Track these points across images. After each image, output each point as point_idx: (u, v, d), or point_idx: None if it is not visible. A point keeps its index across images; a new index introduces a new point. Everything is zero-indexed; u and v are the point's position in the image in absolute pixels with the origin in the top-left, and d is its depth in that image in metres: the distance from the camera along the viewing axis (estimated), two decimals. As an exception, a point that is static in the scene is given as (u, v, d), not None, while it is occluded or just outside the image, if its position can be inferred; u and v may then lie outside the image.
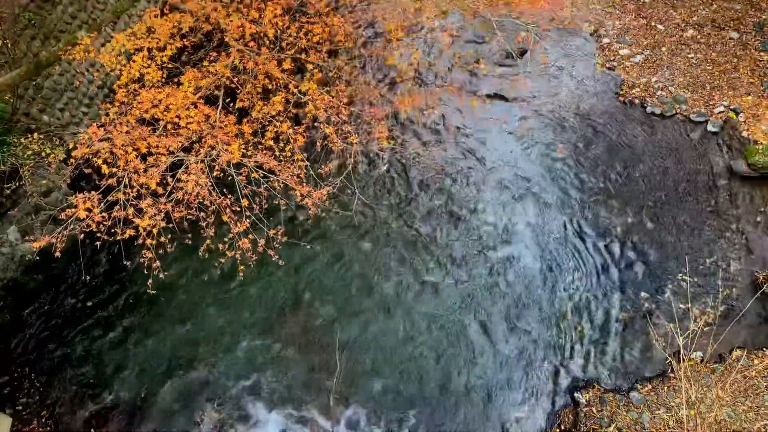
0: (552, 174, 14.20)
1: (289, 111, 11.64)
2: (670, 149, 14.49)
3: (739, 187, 13.75)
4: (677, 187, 13.77)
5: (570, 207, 13.57)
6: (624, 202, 13.55)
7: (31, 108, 13.79)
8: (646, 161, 14.28)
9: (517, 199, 13.79)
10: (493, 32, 11.06)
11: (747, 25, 16.51)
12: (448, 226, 13.35)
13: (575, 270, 12.54)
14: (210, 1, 11.49)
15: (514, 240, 13.04)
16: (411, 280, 12.51)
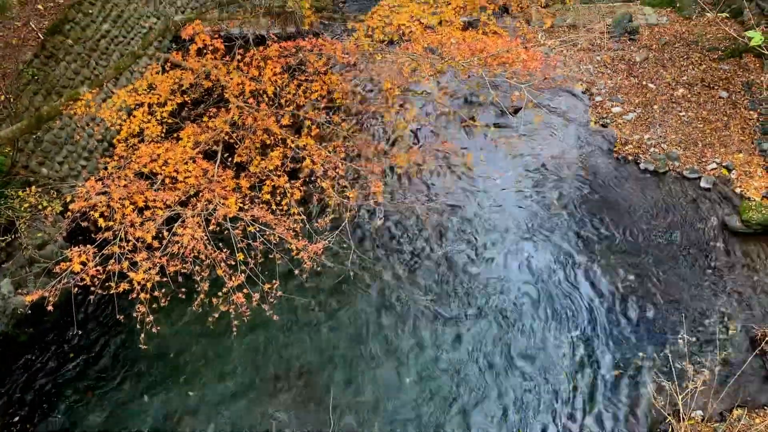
0: (547, 229, 14.25)
1: (286, 166, 11.74)
2: (664, 205, 14.61)
3: (734, 243, 13.79)
4: (673, 243, 13.81)
5: (565, 263, 13.56)
6: (620, 259, 13.56)
7: (30, 161, 13.93)
8: (641, 217, 14.37)
9: (512, 254, 13.79)
10: (487, 91, 11.28)
11: (736, 84, 16.90)
12: (442, 281, 13.30)
13: (570, 326, 12.43)
14: (211, 59, 11.73)
15: (508, 297, 12.98)
16: (405, 336, 12.38)
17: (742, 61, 17.42)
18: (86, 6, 16.43)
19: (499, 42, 11.87)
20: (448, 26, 12.57)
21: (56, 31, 15.26)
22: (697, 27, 19.04)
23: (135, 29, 18.26)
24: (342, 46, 12.91)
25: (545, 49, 18.56)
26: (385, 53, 12.91)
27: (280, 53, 12.33)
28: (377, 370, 11.87)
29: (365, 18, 13.01)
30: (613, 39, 19.13)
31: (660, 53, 18.41)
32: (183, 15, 16.17)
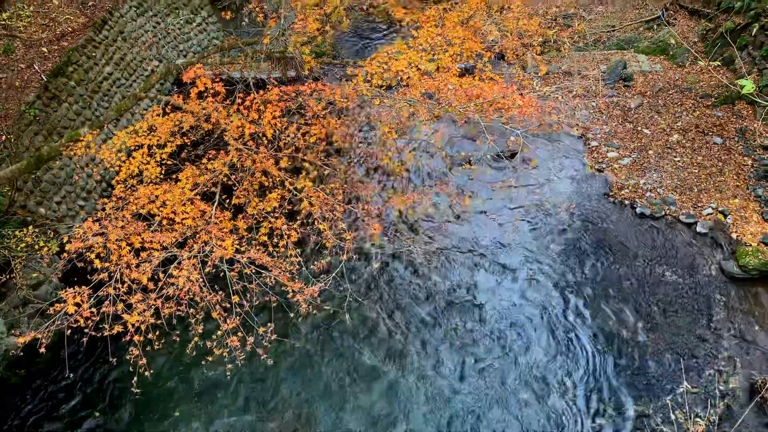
0: (543, 273, 14.23)
1: (284, 207, 11.78)
2: (661, 250, 14.62)
3: (732, 288, 13.75)
4: (670, 289, 13.77)
5: (561, 307, 13.49)
6: (616, 303, 13.49)
7: (28, 200, 13.95)
8: (639, 262, 14.36)
9: (508, 299, 13.72)
10: (483, 135, 11.43)
11: (729, 131, 17.11)
12: (436, 327, 13.20)
13: (565, 374, 12.29)
14: (211, 102, 11.89)
15: (504, 343, 12.87)
16: (401, 382, 12.22)
17: (735, 108, 17.67)
18: (90, 49, 16.70)
19: (495, 88, 12.07)
20: (445, 72, 12.80)
21: (59, 73, 15.48)
22: (690, 74, 19.38)
23: (137, 72, 18.54)
24: (341, 91, 13.11)
25: (541, 96, 18.84)
26: (383, 98, 13.11)
27: (280, 97, 12.52)
28: (369, 412, 11.68)
29: (364, 64, 13.26)
30: (607, 85, 19.44)
31: (654, 100, 18.68)
32: (185, 59, 16.46)
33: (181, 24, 21.08)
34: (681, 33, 20.96)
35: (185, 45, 21.08)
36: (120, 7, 18.30)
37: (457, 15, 14.07)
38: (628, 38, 21.79)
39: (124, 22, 18.36)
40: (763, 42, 17.39)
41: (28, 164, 12.19)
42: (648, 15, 22.44)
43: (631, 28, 22.29)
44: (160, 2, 20.19)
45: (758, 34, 17.66)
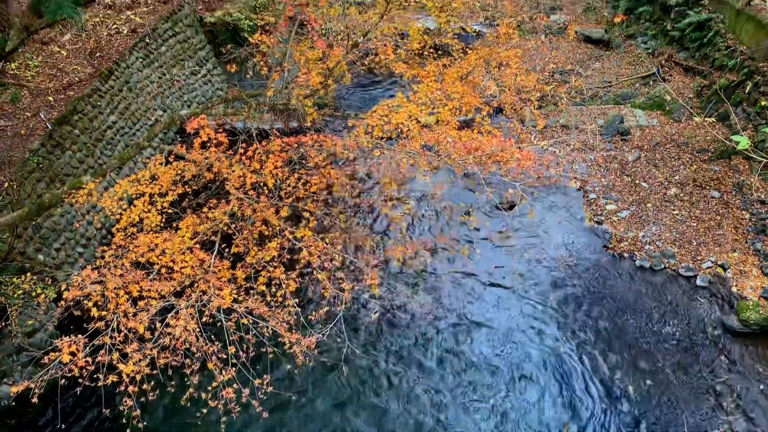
0: (543, 326, 14.12)
1: (283, 257, 11.76)
2: (661, 303, 14.55)
3: (733, 343, 13.64)
4: (671, 343, 13.66)
5: (559, 361, 13.34)
6: (616, 358, 13.35)
7: (27, 247, 13.95)
8: (639, 316, 14.28)
9: (507, 353, 13.58)
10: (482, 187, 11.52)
11: (727, 185, 17.27)
12: (436, 379, 13.03)
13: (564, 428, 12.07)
14: (214, 152, 12.01)
15: (498, 396, 12.67)
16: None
17: (731, 163, 17.88)
18: (95, 98, 16.99)
19: (494, 141, 12.22)
20: (444, 125, 12.98)
21: (64, 122, 15.70)
22: (686, 129, 19.67)
23: (141, 121, 18.82)
24: (342, 142, 13.27)
25: (539, 149, 19.08)
26: (383, 150, 13.24)
27: (282, 148, 12.65)
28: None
29: (365, 116, 13.45)
30: (605, 139, 19.72)
31: (652, 153, 18.92)
32: (189, 109, 16.72)
33: (186, 75, 21.51)
34: (676, 89, 21.37)
35: (190, 95, 21.45)
36: (127, 58, 18.70)
37: (457, 71, 14.36)
38: (624, 94, 22.20)
39: (131, 72, 18.73)
40: (757, 99, 17.72)
41: (29, 211, 12.23)
42: (644, 71, 22.93)
43: (628, 84, 22.74)
44: (166, 54, 20.65)
45: (752, 92, 18.01)
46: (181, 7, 22.00)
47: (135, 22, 20.37)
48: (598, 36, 25.59)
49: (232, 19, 24.24)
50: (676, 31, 22.38)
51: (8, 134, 14.94)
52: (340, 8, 15.68)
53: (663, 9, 23.59)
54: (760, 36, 18.41)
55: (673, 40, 22.72)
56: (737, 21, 19.73)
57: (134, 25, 20.19)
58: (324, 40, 13.86)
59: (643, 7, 24.68)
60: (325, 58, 14.38)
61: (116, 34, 19.72)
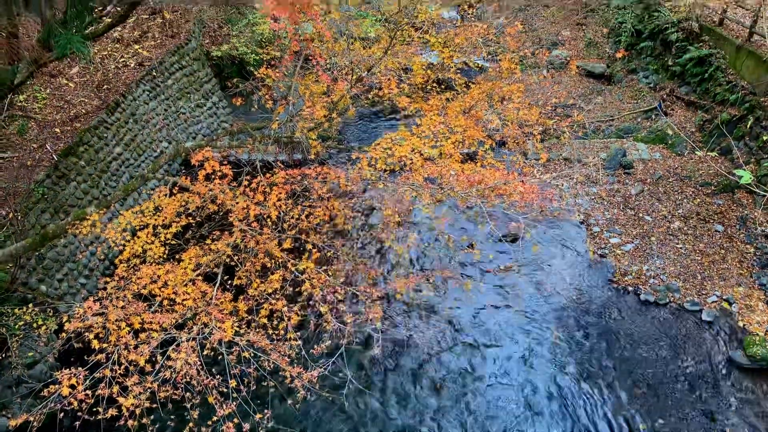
0: (547, 360, 13.98)
1: (285, 289, 11.74)
2: (667, 338, 14.41)
3: (741, 378, 13.46)
4: (678, 379, 13.48)
5: (564, 396, 13.17)
6: (622, 393, 13.18)
7: (30, 278, 13.95)
8: (644, 350, 14.13)
9: (512, 386, 13.42)
10: (485, 220, 11.54)
11: (730, 218, 17.24)
12: (439, 414, 12.85)
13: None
14: (218, 184, 12.08)
15: (512, 430, 12.49)
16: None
17: (735, 197, 17.87)
18: (102, 130, 17.16)
19: (497, 175, 12.28)
20: (447, 159, 13.07)
21: (70, 153, 15.83)
22: (689, 163, 19.72)
23: (146, 153, 18.96)
24: (346, 175, 13.36)
25: (542, 182, 19.13)
26: (386, 182, 13.33)
27: (286, 180, 12.73)
28: None
29: (369, 149, 13.57)
30: (608, 173, 19.77)
31: (655, 187, 18.94)
32: (194, 141, 16.86)
33: (192, 107, 21.75)
34: (678, 123, 21.50)
35: (195, 128, 21.66)
36: (133, 91, 18.94)
37: (459, 105, 14.52)
38: (626, 128, 22.33)
39: (137, 105, 18.95)
40: (759, 133, 17.80)
41: (33, 242, 12.27)
42: (645, 105, 23.10)
43: (630, 118, 22.89)
44: (172, 87, 20.91)
45: (754, 126, 18.11)
46: (188, 41, 22.36)
47: (142, 55, 20.68)
48: (600, 71, 25.85)
49: (238, 53, 24.64)
50: (677, 66, 22.61)
51: (14, 165, 15.05)
52: (344, 43, 15.94)
53: (664, 44, 23.86)
54: (761, 71, 18.58)
55: (675, 75, 22.93)
56: (738, 56, 19.94)
57: (141, 59, 20.49)
58: (328, 74, 14.05)
59: (644, 43, 24.98)
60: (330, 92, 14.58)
61: (124, 67, 20.01)
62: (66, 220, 12.58)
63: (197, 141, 16.95)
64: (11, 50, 11.57)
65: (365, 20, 23.43)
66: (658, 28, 24.14)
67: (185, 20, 23.37)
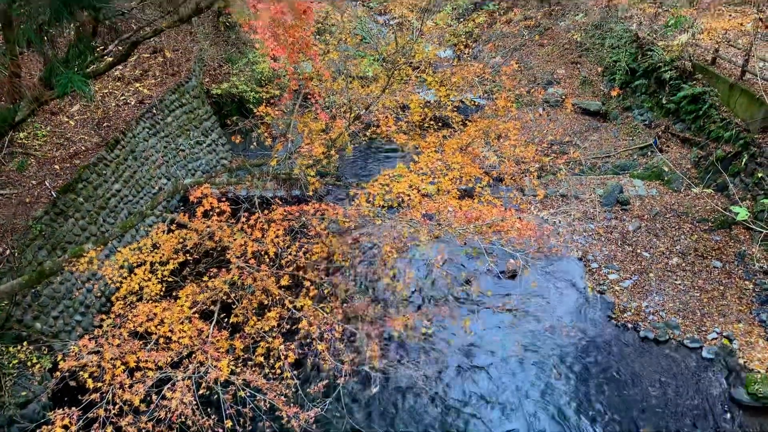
0: (547, 398, 13.80)
1: (282, 326, 11.66)
2: (668, 376, 14.27)
3: (743, 417, 13.29)
4: (679, 417, 13.31)
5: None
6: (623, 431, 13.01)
7: (25, 315, 13.84)
8: (645, 388, 13.97)
9: (512, 425, 13.23)
10: (483, 257, 11.55)
11: (728, 254, 17.24)
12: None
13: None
14: (216, 221, 12.11)
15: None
16: None
17: (732, 233, 17.90)
18: (101, 167, 17.24)
19: (494, 211, 12.33)
20: (445, 195, 13.14)
21: (69, 190, 15.87)
22: (686, 199, 19.81)
23: (145, 189, 19.02)
24: (344, 211, 13.39)
25: (539, 219, 19.18)
26: (384, 219, 13.35)
27: (284, 216, 12.76)
28: None
29: (367, 185, 13.63)
30: (605, 209, 19.83)
31: (652, 223, 18.99)
32: (193, 178, 16.95)
33: (191, 144, 21.90)
34: (674, 159, 21.67)
35: (194, 164, 21.77)
36: (133, 128, 19.09)
37: (457, 142, 14.67)
38: (622, 164, 22.50)
39: (136, 142, 19.08)
40: (754, 170, 17.94)
41: (29, 279, 12.21)
42: (641, 142, 23.32)
43: (626, 155, 23.09)
44: (172, 124, 21.09)
45: (748, 163, 18.26)
46: (188, 79, 22.64)
47: (143, 93, 20.91)
48: (595, 108, 26.17)
49: (238, 91, 24.93)
50: (672, 104, 22.89)
51: (13, 202, 15.08)
52: (343, 82, 16.15)
53: (658, 83, 24.21)
54: (754, 109, 18.82)
55: (669, 113, 23.21)
56: (731, 94, 20.21)
57: (142, 97, 20.71)
58: (327, 112, 14.22)
59: (638, 81, 25.34)
60: (328, 130, 14.72)
61: (124, 105, 20.21)
62: (63, 257, 12.55)
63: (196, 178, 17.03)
64: (13, 89, 11.69)
65: (363, 60, 23.79)
66: (652, 67, 24.52)
67: (186, 59, 23.70)
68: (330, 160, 15.01)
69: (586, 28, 30.57)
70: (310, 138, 14.21)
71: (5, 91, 11.29)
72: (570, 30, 31.31)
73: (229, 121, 23.85)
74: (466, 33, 27.10)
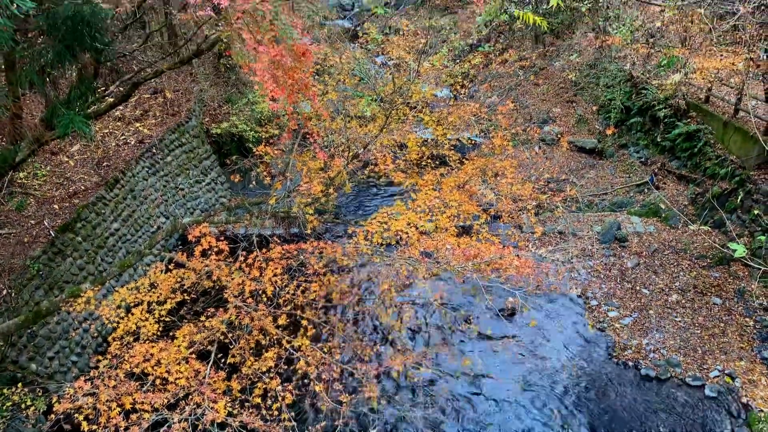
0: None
1: (279, 367, 11.55)
2: (670, 415, 14.08)
3: (749, 458, 13.09)
4: (683, 457, 13.10)
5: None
6: (629, 473, 12.77)
7: (21, 356, 13.71)
8: (647, 427, 13.77)
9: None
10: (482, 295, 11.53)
11: (728, 291, 17.19)
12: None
13: None
14: (214, 260, 12.10)
15: None
16: None
17: (731, 269, 17.90)
18: (100, 206, 17.30)
19: (492, 249, 12.34)
20: (443, 232, 13.16)
21: (68, 229, 15.90)
22: (683, 236, 19.85)
23: (144, 228, 19.05)
24: (342, 249, 13.39)
25: (537, 256, 19.18)
26: (383, 257, 13.35)
27: (282, 255, 12.76)
28: None
29: (365, 223, 13.67)
30: (603, 246, 19.85)
31: (651, 260, 18.98)
32: (191, 217, 16.99)
33: (190, 183, 22.02)
34: (671, 196, 21.79)
35: (193, 203, 21.85)
36: (133, 167, 19.22)
37: (454, 180, 14.77)
38: (619, 201, 22.61)
39: (136, 181, 19.19)
40: (750, 207, 18.03)
41: (26, 319, 12.13)
42: (638, 179, 23.48)
43: (623, 192, 23.22)
44: (171, 163, 21.24)
45: (745, 200, 18.36)
46: (188, 119, 22.89)
47: (143, 133, 21.12)
48: (591, 146, 26.42)
49: (238, 130, 25.18)
50: (667, 141, 23.13)
51: (11, 242, 15.08)
52: (341, 122, 16.34)
53: (653, 120, 24.50)
54: (748, 146, 19.02)
55: (665, 150, 23.42)
56: (725, 132, 20.45)
57: (142, 136, 20.91)
58: (326, 151, 14.34)
59: (633, 119, 25.65)
60: (327, 168, 14.83)
61: (124, 145, 20.39)
62: (60, 297, 12.49)
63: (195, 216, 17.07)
64: (15, 130, 11.82)
65: (361, 100, 24.09)
66: (647, 105, 24.85)
67: (186, 99, 24.01)
68: (328, 198, 15.08)
69: (580, 67, 31.07)
70: (308, 176, 14.31)
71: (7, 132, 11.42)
72: (565, 69, 31.82)
73: (228, 161, 24.03)
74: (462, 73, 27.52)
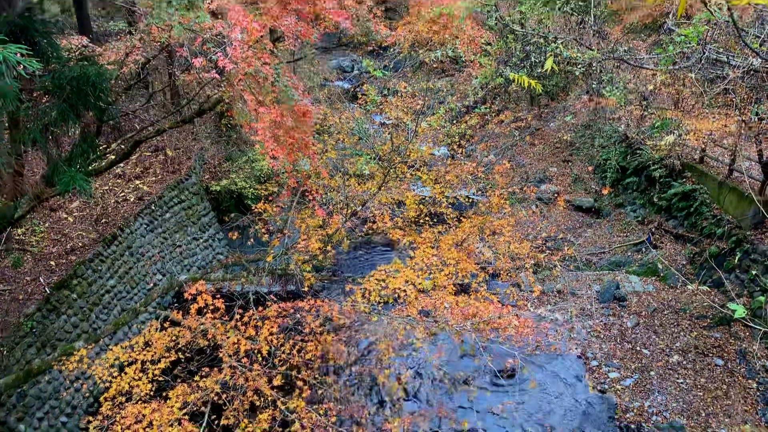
0: (552, 506, 13.17)
1: (274, 429, 11.29)
2: (675, 481, 13.69)
3: None
4: None
5: None
6: None
7: (9, 416, 13.38)
8: (652, 494, 13.38)
9: None
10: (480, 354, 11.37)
11: (729, 352, 16.98)
12: None
13: None
14: (210, 318, 11.98)
15: None
16: None
17: (731, 329, 17.72)
18: (96, 263, 17.24)
19: (491, 308, 12.25)
20: (441, 290, 13.09)
21: (63, 286, 15.79)
22: (682, 295, 19.75)
23: (140, 285, 18.93)
24: (339, 307, 13.29)
25: (536, 315, 19.02)
26: (380, 315, 13.23)
27: (278, 313, 12.64)
28: None
29: (362, 281, 13.61)
30: (602, 305, 19.72)
31: (650, 320, 18.83)
32: (188, 274, 16.92)
33: (188, 240, 22.02)
34: (669, 255, 21.79)
35: (190, 260, 21.79)
36: (131, 224, 19.25)
37: (452, 238, 14.79)
38: (618, 260, 22.59)
39: (134, 238, 19.19)
40: (748, 267, 18.01)
41: (17, 378, 11.91)
42: (635, 239, 23.53)
43: (620, 251, 23.23)
44: (170, 220, 21.29)
45: (743, 259, 18.36)
46: (188, 176, 23.08)
47: (143, 190, 21.26)
48: (588, 205, 26.59)
49: (237, 187, 25.35)
50: (663, 201, 23.30)
51: (6, 299, 14.96)
52: (340, 180, 16.49)
53: (648, 180, 24.74)
54: (744, 206, 19.15)
55: (661, 209, 23.57)
56: (720, 192, 20.63)
57: (142, 193, 21.04)
58: (324, 208, 14.42)
59: (629, 179, 25.91)
60: (325, 226, 14.87)
61: (123, 201, 20.49)
62: (53, 355, 12.30)
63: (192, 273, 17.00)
64: (16, 187, 11.91)
65: (360, 158, 24.40)
66: (642, 165, 25.14)
67: (187, 157, 24.28)
68: (326, 256, 15.07)
69: (575, 128, 31.60)
70: (306, 234, 14.34)
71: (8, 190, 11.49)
72: (560, 130, 32.35)
73: (227, 218, 24.10)
74: (459, 133, 27.95)
